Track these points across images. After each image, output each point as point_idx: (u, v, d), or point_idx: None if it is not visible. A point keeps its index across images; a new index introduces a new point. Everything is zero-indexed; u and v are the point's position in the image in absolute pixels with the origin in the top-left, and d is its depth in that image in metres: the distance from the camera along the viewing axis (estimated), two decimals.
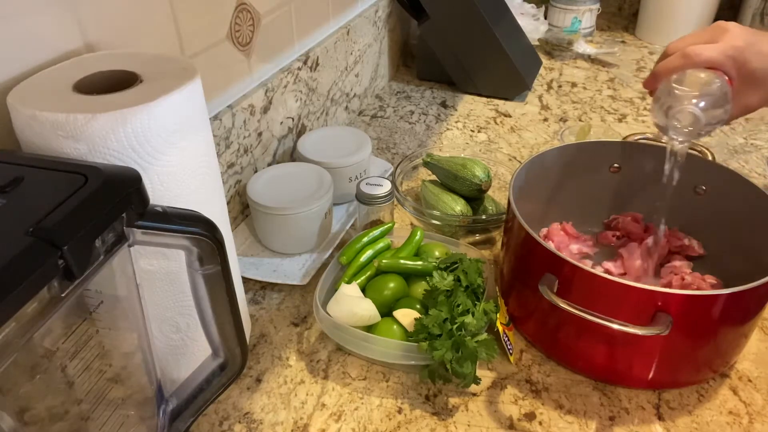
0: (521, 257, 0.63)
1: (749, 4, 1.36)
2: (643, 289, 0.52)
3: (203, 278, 0.44)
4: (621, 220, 0.77)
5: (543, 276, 0.57)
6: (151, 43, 0.61)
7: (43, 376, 0.35)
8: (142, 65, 0.47)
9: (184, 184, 0.47)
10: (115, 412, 0.42)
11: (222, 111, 0.74)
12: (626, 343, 0.57)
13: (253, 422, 0.57)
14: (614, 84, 1.27)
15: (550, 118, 1.13)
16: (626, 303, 0.54)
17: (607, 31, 1.56)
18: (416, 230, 0.72)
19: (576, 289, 0.56)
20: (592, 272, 0.55)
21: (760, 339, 0.66)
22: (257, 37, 0.80)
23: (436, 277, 0.63)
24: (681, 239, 0.73)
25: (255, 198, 0.73)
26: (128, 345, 0.43)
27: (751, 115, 1.12)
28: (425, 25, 1.15)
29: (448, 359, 0.56)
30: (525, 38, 1.27)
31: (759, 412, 0.58)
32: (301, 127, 0.93)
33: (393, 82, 1.29)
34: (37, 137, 0.41)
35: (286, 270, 0.74)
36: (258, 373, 0.62)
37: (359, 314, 0.62)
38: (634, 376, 0.59)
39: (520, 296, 0.65)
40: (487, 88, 1.20)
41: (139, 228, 0.38)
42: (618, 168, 0.76)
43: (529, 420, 0.57)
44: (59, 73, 0.46)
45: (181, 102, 0.44)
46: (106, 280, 0.38)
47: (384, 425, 0.57)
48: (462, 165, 0.82)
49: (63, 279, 0.32)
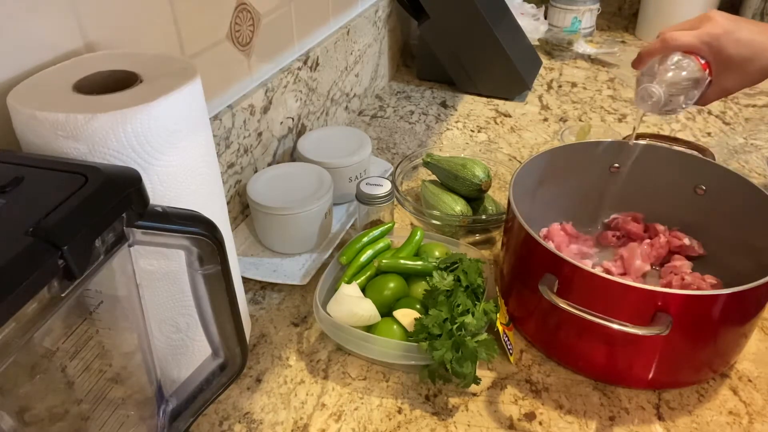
0: (521, 257, 0.63)
1: (749, 4, 1.36)
2: (643, 289, 0.52)
3: (203, 278, 0.44)
4: (621, 220, 0.77)
5: (543, 276, 0.57)
6: (151, 43, 0.61)
7: (43, 376, 0.35)
8: (142, 65, 0.47)
9: (184, 184, 0.47)
10: (115, 412, 0.42)
11: (222, 111, 0.74)
12: (626, 343, 0.57)
13: (253, 422, 0.57)
14: (614, 84, 1.27)
15: (550, 118, 1.13)
16: (626, 303, 0.54)
17: (607, 31, 1.56)
18: (416, 230, 0.72)
19: (576, 289, 0.56)
20: (592, 272, 0.55)
21: (760, 339, 0.66)
22: (257, 37, 0.80)
23: (436, 277, 0.63)
24: (681, 239, 0.73)
25: (255, 198, 0.73)
26: (128, 345, 0.43)
27: (751, 114, 1.13)
28: (425, 25, 1.15)
29: (448, 359, 0.56)
30: (525, 38, 1.27)
31: (759, 412, 0.58)
32: (301, 127, 0.93)
33: (393, 82, 1.29)
34: (37, 137, 0.41)
35: (286, 270, 0.74)
36: (258, 373, 0.62)
37: (359, 314, 0.62)
38: (634, 376, 0.59)
39: (520, 296, 0.65)
40: (487, 88, 1.20)
41: (139, 228, 0.38)
42: (618, 168, 0.76)
43: (529, 420, 0.57)
44: (59, 73, 0.46)
45: (181, 102, 0.44)
46: (106, 280, 0.38)
47: (384, 425, 0.57)
48: (462, 165, 0.82)
49: (63, 279, 0.32)
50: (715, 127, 1.09)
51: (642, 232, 0.76)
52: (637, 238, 0.75)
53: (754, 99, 1.20)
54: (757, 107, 1.17)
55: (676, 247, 0.73)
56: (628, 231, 0.76)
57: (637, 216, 0.77)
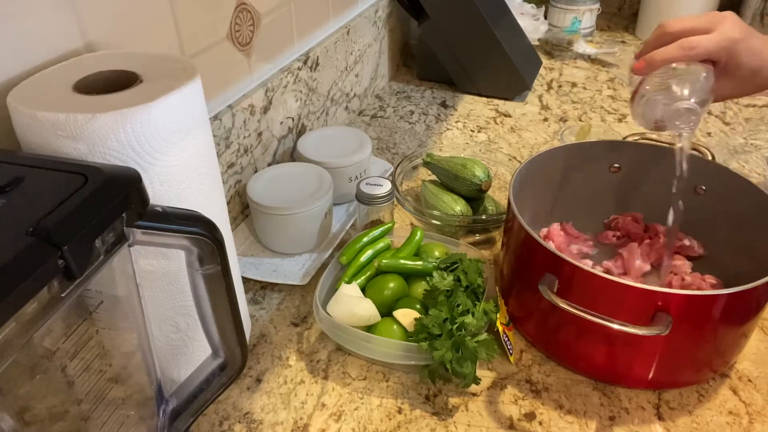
0: (521, 257, 0.63)
1: (749, 5, 1.36)
2: (643, 289, 0.52)
3: (203, 278, 0.44)
4: (621, 220, 0.77)
5: (543, 276, 0.57)
6: (151, 43, 0.61)
7: (43, 376, 0.35)
8: (142, 65, 0.47)
9: (184, 184, 0.47)
10: (115, 412, 0.42)
11: (222, 111, 0.74)
12: (626, 343, 0.57)
13: (253, 422, 0.57)
14: (614, 84, 1.27)
15: (550, 118, 1.13)
16: (626, 303, 0.54)
17: (607, 31, 1.56)
18: (416, 230, 0.72)
19: (576, 289, 0.56)
20: (592, 272, 0.55)
21: (760, 339, 0.66)
22: (257, 37, 0.80)
23: (436, 277, 0.63)
24: (681, 239, 0.73)
25: (255, 198, 0.73)
26: (128, 345, 0.43)
27: (751, 114, 1.13)
28: (425, 25, 1.15)
29: (448, 359, 0.56)
30: (525, 38, 1.27)
31: (759, 412, 0.58)
32: (301, 127, 0.93)
33: (393, 82, 1.29)
34: (37, 137, 0.41)
35: (286, 270, 0.74)
36: (258, 373, 0.62)
37: (359, 314, 0.62)
38: (634, 376, 0.59)
39: (520, 296, 0.65)
40: (487, 88, 1.20)
41: (139, 228, 0.38)
42: (618, 168, 0.76)
43: (529, 420, 0.57)
44: (59, 73, 0.46)
45: (181, 102, 0.44)
46: (106, 280, 0.38)
47: (384, 425, 0.57)
48: (462, 165, 0.82)
49: (63, 279, 0.32)
50: (715, 127, 1.09)
51: (642, 232, 0.76)
52: (637, 239, 0.75)
53: (754, 99, 1.20)
54: (757, 107, 1.16)
55: (676, 247, 0.73)
56: (628, 231, 0.76)
57: (637, 216, 0.77)
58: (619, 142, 0.76)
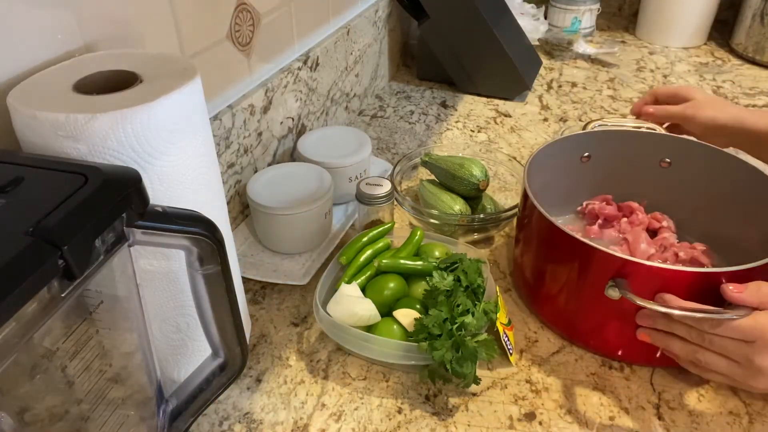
0: (574, 265, 0.62)
1: (749, 5, 1.36)
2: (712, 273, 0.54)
3: (203, 278, 0.44)
4: (597, 206, 0.78)
5: (611, 279, 0.56)
6: (151, 43, 0.61)
7: (43, 376, 0.35)
8: (142, 65, 0.47)
9: (184, 184, 0.47)
10: (115, 412, 0.42)
11: (222, 111, 0.74)
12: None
13: (253, 422, 0.57)
14: (614, 84, 1.27)
15: (550, 118, 1.13)
16: (694, 290, 0.55)
17: (607, 31, 1.56)
18: (416, 230, 0.72)
19: (645, 287, 0.56)
20: (661, 267, 0.55)
21: None
22: (257, 37, 0.80)
23: (436, 277, 0.63)
24: (660, 221, 0.75)
25: (255, 198, 0.73)
26: (128, 345, 0.43)
27: None
28: (425, 25, 1.15)
29: (448, 359, 0.56)
30: (525, 38, 1.27)
31: (759, 412, 0.58)
32: (301, 127, 0.93)
33: (393, 82, 1.29)
34: (37, 137, 0.41)
35: (286, 270, 0.74)
36: (258, 373, 0.62)
37: (359, 314, 0.62)
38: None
39: (577, 304, 0.64)
40: (487, 88, 1.20)
41: (139, 228, 0.38)
42: (588, 157, 0.78)
43: (529, 420, 0.57)
44: (59, 73, 0.46)
45: (181, 102, 0.44)
46: (106, 280, 0.38)
47: (384, 425, 0.57)
48: (459, 164, 0.82)
49: (63, 279, 0.32)
50: None
51: (616, 212, 0.77)
52: (614, 219, 0.76)
53: (755, 99, 1.20)
54: (757, 107, 1.16)
55: (656, 229, 0.75)
56: (605, 215, 0.77)
57: (607, 197, 0.79)
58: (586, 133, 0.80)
